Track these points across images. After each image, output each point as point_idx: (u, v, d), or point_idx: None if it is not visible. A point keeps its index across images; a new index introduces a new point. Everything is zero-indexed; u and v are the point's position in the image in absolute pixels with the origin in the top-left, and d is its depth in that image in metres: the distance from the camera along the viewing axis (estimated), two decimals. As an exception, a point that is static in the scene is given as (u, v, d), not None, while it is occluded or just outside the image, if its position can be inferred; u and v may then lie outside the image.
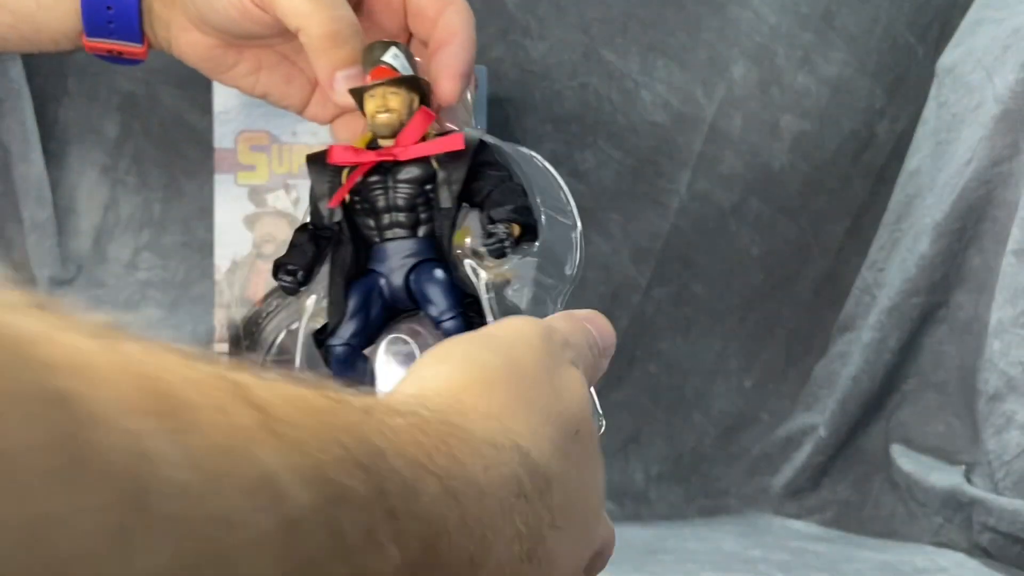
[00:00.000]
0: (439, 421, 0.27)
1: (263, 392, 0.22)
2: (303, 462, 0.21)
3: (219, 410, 0.20)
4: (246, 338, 0.74)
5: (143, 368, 0.20)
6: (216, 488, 0.18)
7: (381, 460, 0.23)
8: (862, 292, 0.86)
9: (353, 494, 0.22)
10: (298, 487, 0.20)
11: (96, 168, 0.81)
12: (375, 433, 0.24)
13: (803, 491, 0.87)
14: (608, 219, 0.86)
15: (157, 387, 0.19)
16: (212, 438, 0.19)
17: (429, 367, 0.33)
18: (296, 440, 0.21)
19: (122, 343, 0.20)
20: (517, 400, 0.32)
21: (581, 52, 0.83)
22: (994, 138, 0.74)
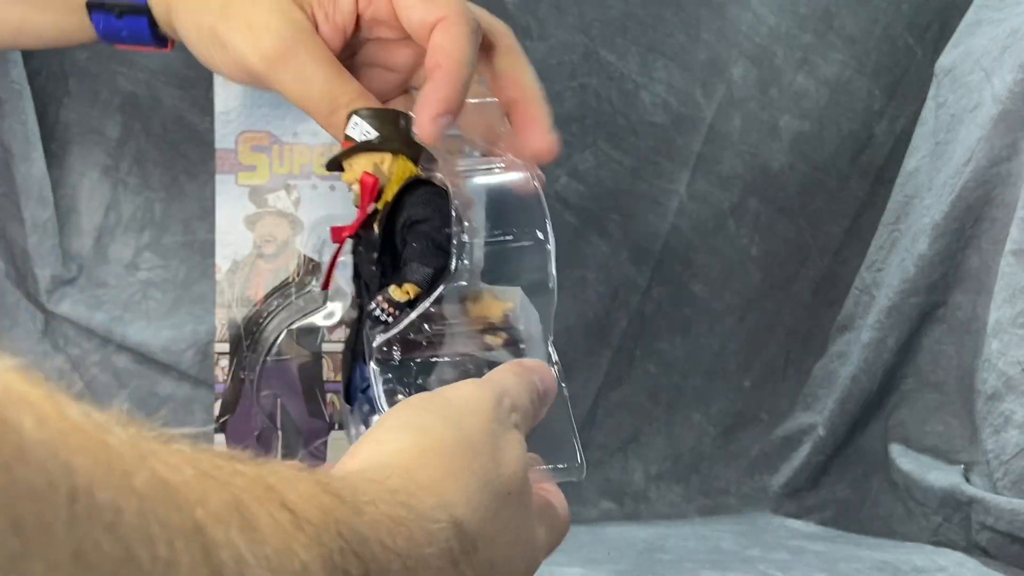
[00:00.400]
0: (399, 504, 0.33)
1: (290, 494, 0.27)
2: (320, 552, 0.27)
3: (270, 515, 0.26)
4: (247, 338, 0.74)
5: (222, 481, 0.25)
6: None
7: (366, 547, 0.29)
8: (861, 292, 0.86)
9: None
10: (319, 570, 0.27)
11: (97, 168, 0.81)
12: (360, 524, 0.30)
13: (802, 490, 0.87)
14: (608, 219, 0.86)
15: (235, 499, 0.25)
16: (272, 542, 0.25)
17: (388, 432, 0.39)
18: (315, 535, 0.27)
19: (198, 457, 0.26)
20: (460, 470, 0.38)
21: (581, 53, 0.83)
22: (992, 138, 0.74)
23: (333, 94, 0.54)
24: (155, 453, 0.24)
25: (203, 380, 0.80)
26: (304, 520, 0.27)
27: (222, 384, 0.73)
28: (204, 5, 0.55)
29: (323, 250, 0.73)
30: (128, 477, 0.22)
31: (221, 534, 0.24)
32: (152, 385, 0.82)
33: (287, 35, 0.54)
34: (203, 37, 0.55)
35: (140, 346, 0.80)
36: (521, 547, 0.41)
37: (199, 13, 0.55)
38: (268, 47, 0.54)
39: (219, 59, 0.55)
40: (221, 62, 0.55)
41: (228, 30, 0.54)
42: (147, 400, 0.82)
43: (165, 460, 0.24)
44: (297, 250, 0.73)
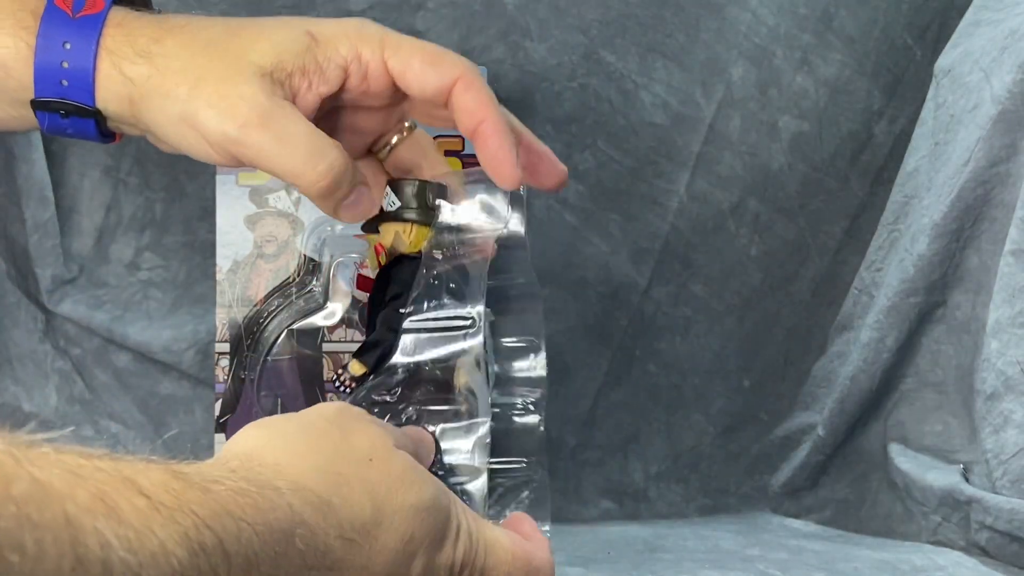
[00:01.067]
0: (241, 479, 0.37)
1: (144, 482, 0.32)
2: (176, 529, 0.31)
3: (129, 502, 0.30)
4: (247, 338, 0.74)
5: (85, 476, 0.30)
6: (140, 558, 0.29)
7: (216, 520, 0.33)
8: (860, 292, 0.86)
9: (205, 546, 0.32)
10: (176, 546, 0.31)
11: (98, 168, 0.81)
12: (208, 501, 0.34)
13: (801, 490, 0.87)
14: (607, 219, 0.86)
15: (99, 491, 0.29)
16: (133, 524, 0.30)
17: (239, 434, 0.44)
18: (169, 515, 0.31)
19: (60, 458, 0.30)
20: (303, 447, 0.42)
21: (581, 53, 0.83)
22: (992, 139, 0.74)
23: (322, 151, 0.54)
24: (30, 459, 0.28)
25: (203, 380, 0.81)
26: (159, 503, 0.31)
27: (222, 384, 0.73)
28: (171, 94, 0.53)
29: (323, 250, 0.73)
30: (5, 486, 0.26)
31: (89, 523, 0.28)
32: (153, 385, 0.82)
33: (263, 101, 0.53)
34: (173, 126, 0.54)
35: (141, 346, 0.81)
36: (401, 507, 0.43)
37: (166, 103, 0.53)
38: (243, 112, 0.52)
39: (192, 143, 0.54)
40: (194, 145, 0.54)
41: (197, 108, 0.53)
42: (147, 400, 0.82)
43: (38, 464, 0.28)
44: (297, 250, 0.73)
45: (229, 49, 0.54)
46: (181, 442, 0.81)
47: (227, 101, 0.52)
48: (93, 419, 0.81)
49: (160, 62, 0.53)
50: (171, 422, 0.81)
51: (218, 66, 0.53)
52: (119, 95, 0.54)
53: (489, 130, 0.55)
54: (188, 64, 0.53)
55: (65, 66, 0.53)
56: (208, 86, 0.52)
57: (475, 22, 0.81)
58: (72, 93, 0.54)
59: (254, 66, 0.53)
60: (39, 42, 0.53)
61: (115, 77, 0.54)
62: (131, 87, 0.53)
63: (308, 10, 0.80)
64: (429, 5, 0.81)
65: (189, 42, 0.54)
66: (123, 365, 0.82)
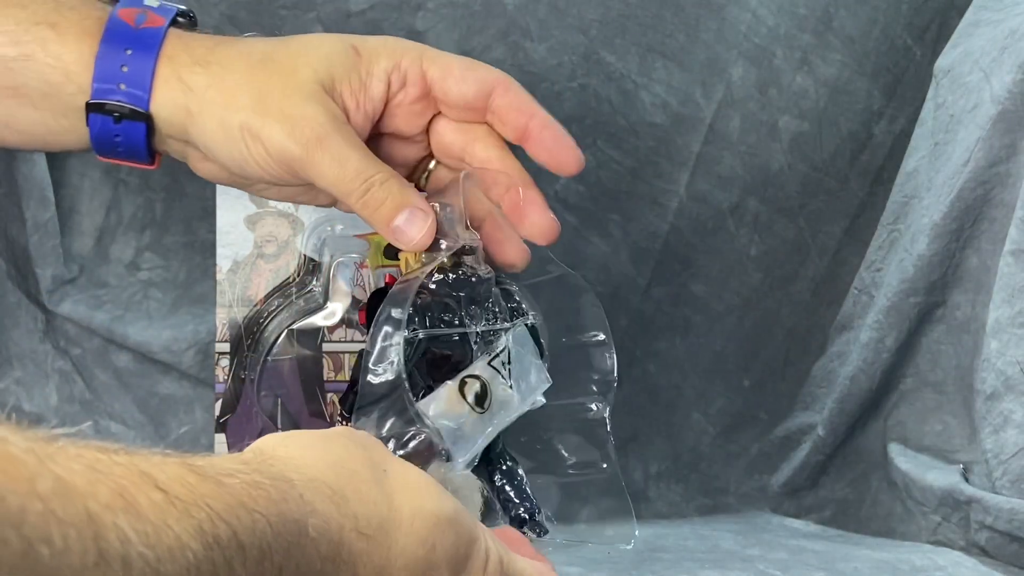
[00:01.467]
0: (254, 471, 0.37)
1: (161, 477, 0.32)
2: (191, 523, 0.32)
3: (147, 497, 0.31)
4: (247, 338, 0.74)
5: (105, 472, 0.30)
6: (158, 552, 0.30)
7: (230, 512, 0.34)
8: (860, 292, 0.86)
9: (220, 539, 0.33)
10: (191, 539, 0.31)
11: (98, 169, 0.81)
12: (222, 494, 0.34)
13: (801, 490, 0.87)
14: (607, 219, 0.86)
15: (119, 487, 0.30)
16: (151, 519, 0.30)
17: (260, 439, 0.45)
18: (184, 509, 0.32)
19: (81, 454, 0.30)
20: (317, 446, 0.42)
21: (581, 53, 0.83)
22: (991, 139, 0.74)
23: (368, 172, 0.56)
24: (51, 456, 0.29)
25: (204, 380, 0.81)
26: (174, 497, 0.32)
27: (223, 384, 0.73)
28: (232, 104, 0.56)
29: (323, 250, 0.73)
30: (32, 484, 0.27)
31: (109, 519, 0.29)
32: (153, 385, 0.82)
33: (324, 121, 0.56)
34: (232, 136, 0.56)
35: (141, 346, 0.81)
36: (420, 512, 0.43)
37: (227, 113, 0.56)
38: (308, 134, 0.55)
39: (252, 153, 0.56)
40: (254, 156, 0.56)
41: (263, 124, 0.55)
42: (148, 400, 0.82)
43: (59, 461, 0.29)
44: (298, 250, 0.73)
45: (284, 63, 0.57)
46: (181, 442, 0.81)
47: (292, 121, 0.55)
48: (93, 419, 0.81)
49: (217, 71, 0.56)
50: (171, 422, 0.82)
51: (278, 82, 0.56)
52: (176, 103, 0.56)
53: (540, 125, 0.58)
54: (247, 77, 0.56)
55: (124, 70, 0.56)
56: (273, 103, 0.56)
57: (475, 22, 0.81)
58: (129, 97, 0.56)
59: (311, 83, 0.56)
60: (102, 47, 0.56)
61: (173, 83, 0.56)
62: (189, 96, 0.56)
63: (308, 10, 0.80)
64: (429, 5, 0.81)
65: (245, 54, 0.57)
66: (123, 365, 0.82)
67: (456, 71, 0.59)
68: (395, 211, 0.57)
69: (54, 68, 0.56)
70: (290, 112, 0.55)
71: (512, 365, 0.58)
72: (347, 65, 0.58)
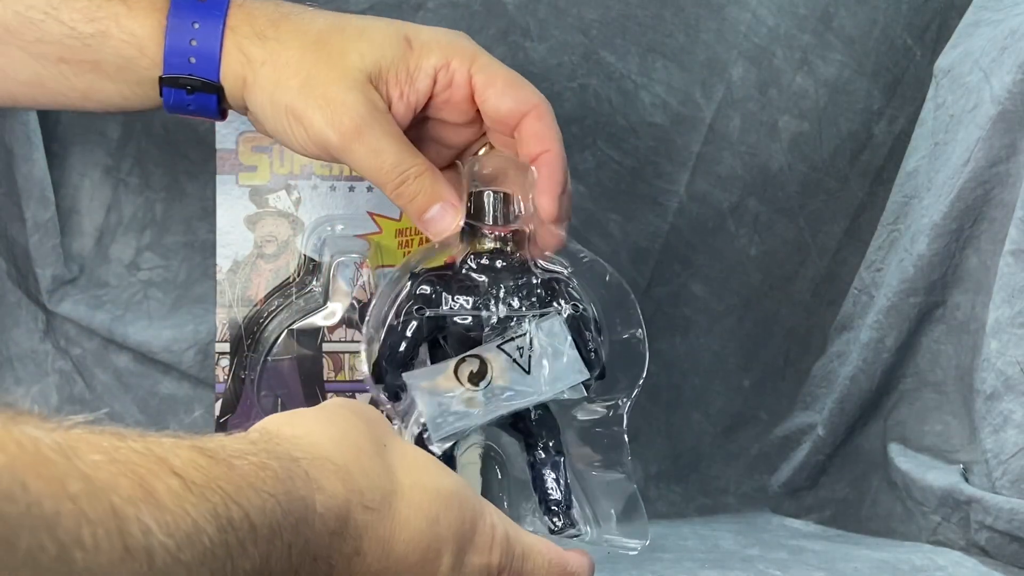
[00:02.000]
0: (261, 451, 0.38)
1: (176, 461, 0.33)
2: (207, 507, 0.33)
3: (165, 485, 0.31)
4: (247, 338, 0.74)
5: (124, 461, 0.31)
6: (177, 540, 0.31)
7: (241, 494, 0.35)
8: (860, 292, 0.86)
9: (233, 521, 0.34)
10: (207, 523, 0.32)
11: (98, 169, 0.81)
12: (233, 476, 0.35)
13: (801, 490, 0.87)
14: (607, 219, 0.86)
15: (139, 478, 0.31)
16: (170, 507, 0.31)
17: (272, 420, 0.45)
18: (200, 494, 0.32)
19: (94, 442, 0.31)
20: (323, 423, 0.44)
21: (581, 53, 0.83)
22: (991, 139, 0.74)
23: (403, 166, 0.58)
24: (75, 451, 0.29)
25: (204, 380, 0.81)
26: (190, 482, 0.32)
27: (223, 384, 0.73)
28: (282, 84, 0.58)
29: (323, 250, 0.73)
30: (63, 485, 0.27)
31: (132, 512, 0.29)
32: (153, 385, 0.82)
33: (364, 112, 0.58)
34: (279, 114, 0.58)
35: (141, 346, 0.81)
36: (421, 485, 0.44)
37: (276, 92, 0.58)
38: (346, 123, 0.57)
39: (294, 134, 0.58)
40: (296, 136, 0.59)
41: (306, 108, 0.58)
42: (148, 400, 0.82)
43: (83, 456, 0.29)
44: (298, 250, 0.73)
45: (335, 47, 0.59)
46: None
47: (333, 107, 0.57)
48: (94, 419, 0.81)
49: (273, 47, 0.58)
50: (171, 422, 0.82)
51: (325, 66, 0.58)
52: (236, 74, 0.59)
53: (550, 160, 0.59)
54: (299, 57, 0.58)
55: (194, 44, 0.58)
56: (318, 87, 0.58)
57: (475, 22, 0.81)
58: (199, 70, 0.59)
59: (357, 70, 0.58)
60: (170, 22, 0.58)
61: (235, 55, 0.58)
62: (247, 68, 0.58)
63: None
64: (429, 5, 0.81)
65: (302, 32, 0.59)
66: (123, 365, 0.82)
67: (500, 85, 0.60)
68: (427, 204, 0.59)
69: (128, 43, 0.59)
70: (332, 97, 0.57)
71: (536, 351, 0.58)
72: (396, 55, 0.59)
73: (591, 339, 0.60)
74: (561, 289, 0.60)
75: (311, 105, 0.57)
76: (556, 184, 0.59)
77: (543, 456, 0.59)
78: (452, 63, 0.60)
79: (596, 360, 0.60)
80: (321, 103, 0.57)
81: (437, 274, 0.59)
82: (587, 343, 0.60)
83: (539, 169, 0.60)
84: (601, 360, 0.60)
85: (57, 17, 0.59)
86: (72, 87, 0.61)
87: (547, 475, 0.58)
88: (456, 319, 0.58)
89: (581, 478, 0.60)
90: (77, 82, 0.60)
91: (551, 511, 0.58)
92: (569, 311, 0.59)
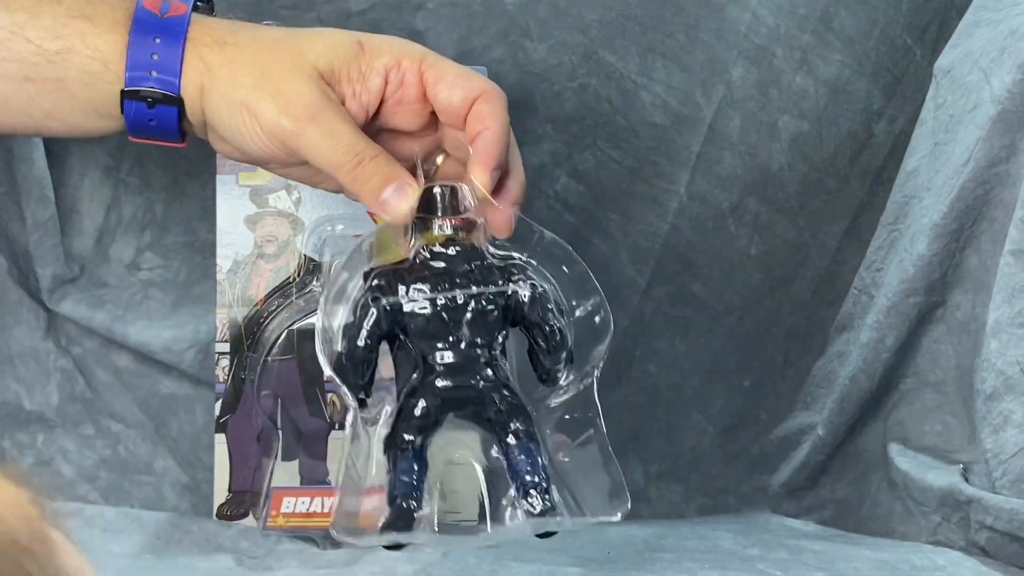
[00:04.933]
0: None
1: None
2: None
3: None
4: (247, 338, 0.74)
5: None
6: None
7: None
8: (860, 292, 0.86)
9: None
10: None
11: (98, 168, 0.81)
12: None
13: (801, 490, 0.87)
14: (607, 219, 0.86)
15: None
16: None
17: None
18: None
19: None
20: None
21: (580, 53, 0.83)
22: (991, 139, 0.74)
23: (358, 147, 0.58)
24: None
25: (204, 380, 0.81)
26: None
27: (223, 384, 0.73)
28: (237, 82, 0.59)
29: (323, 250, 0.73)
30: None
31: None
32: (153, 384, 0.82)
33: (317, 99, 0.58)
34: (233, 111, 0.59)
35: (141, 346, 0.81)
36: None
37: (232, 90, 0.59)
38: (300, 108, 0.58)
39: (248, 129, 0.59)
40: (250, 131, 0.59)
41: (259, 99, 0.58)
42: (148, 399, 0.82)
43: None
44: (298, 250, 0.73)
45: (290, 47, 0.60)
46: (181, 442, 0.81)
47: (286, 96, 0.58)
48: (94, 418, 0.81)
49: (231, 51, 0.60)
50: (171, 422, 0.81)
51: (279, 64, 0.59)
52: (195, 82, 0.60)
53: (486, 136, 0.59)
54: (255, 58, 0.59)
55: (155, 58, 0.59)
56: (271, 81, 0.59)
57: (475, 22, 0.81)
58: (160, 83, 0.60)
59: (310, 66, 0.59)
60: (132, 37, 0.60)
61: (195, 64, 0.60)
62: (205, 75, 0.59)
63: (308, 10, 0.80)
64: (429, 5, 0.81)
65: (257, 37, 0.61)
66: (124, 365, 0.82)
67: (450, 77, 0.61)
68: (384, 184, 0.58)
69: (93, 59, 0.60)
70: (285, 88, 0.58)
71: None
72: (349, 56, 0.60)
73: (553, 319, 0.59)
74: (518, 272, 0.60)
75: (264, 97, 0.58)
76: (489, 158, 0.59)
77: (515, 442, 0.58)
78: (403, 62, 0.61)
79: (562, 342, 0.59)
80: (274, 93, 0.58)
81: (392, 269, 0.59)
82: (549, 323, 0.59)
83: (474, 145, 0.60)
84: (567, 342, 0.60)
85: (23, 35, 0.60)
86: (36, 106, 0.61)
87: (521, 460, 0.58)
88: (416, 310, 0.57)
89: (559, 465, 0.60)
90: (41, 101, 0.61)
91: (528, 494, 0.57)
92: (528, 292, 0.59)
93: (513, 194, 0.61)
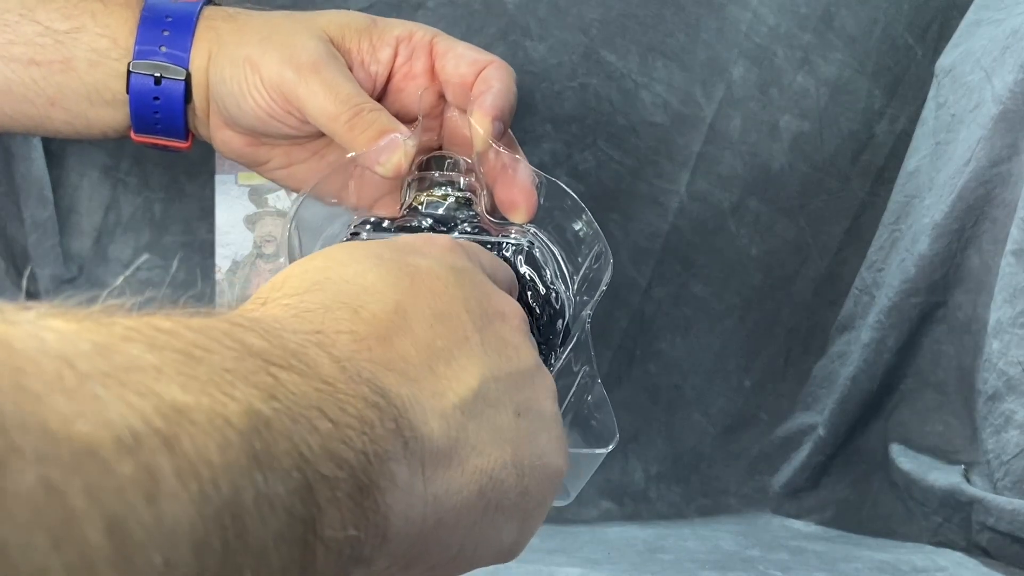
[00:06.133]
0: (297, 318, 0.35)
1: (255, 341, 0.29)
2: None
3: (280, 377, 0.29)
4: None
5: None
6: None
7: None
8: (861, 292, 0.86)
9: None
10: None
11: (97, 168, 0.81)
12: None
13: (802, 490, 0.87)
14: (608, 219, 0.86)
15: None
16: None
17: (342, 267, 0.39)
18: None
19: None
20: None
21: (581, 53, 0.83)
22: (993, 139, 0.74)
23: (359, 99, 0.58)
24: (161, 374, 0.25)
25: (203, 380, 0.80)
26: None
27: (222, 384, 0.72)
28: (244, 41, 0.59)
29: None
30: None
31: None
32: (152, 385, 0.82)
33: (323, 53, 0.58)
34: (236, 67, 0.59)
35: (140, 346, 0.80)
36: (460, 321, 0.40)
37: (238, 48, 0.59)
38: (304, 59, 0.58)
39: (250, 84, 0.58)
40: (251, 86, 0.58)
41: (264, 53, 0.58)
42: (147, 400, 0.82)
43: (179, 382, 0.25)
44: (297, 250, 0.73)
45: (303, 16, 0.61)
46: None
47: (291, 49, 0.58)
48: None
49: (242, 18, 0.61)
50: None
51: (291, 25, 0.60)
52: (204, 52, 0.60)
53: (492, 91, 0.59)
54: (265, 22, 0.60)
55: (166, 34, 0.60)
56: (278, 37, 0.60)
57: (475, 21, 0.81)
58: (169, 56, 0.60)
59: (320, 28, 0.59)
60: (144, 13, 0.60)
61: (206, 33, 0.60)
62: (214, 43, 0.60)
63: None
64: (429, 4, 0.81)
65: (271, 12, 0.62)
66: (122, 365, 0.81)
67: (460, 48, 0.61)
68: (379, 135, 0.57)
69: (102, 35, 0.60)
70: (292, 42, 0.58)
71: None
72: (360, 28, 0.61)
73: (551, 280, 0.55)
74: (516, 231, 0.56)
75: (269, 49, 0.58)
76: (492, 108, 0.58)
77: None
78: (415, 35, 0.61)
79: (560, 310, 0.55)
80: (279, 46, 0.58)
81: (377, 218, 0.57)
82: (544, 282, 0.54)
83: (476, 98, 0.59)
84: (565, 312, 0.55)
85: (32, 18, 0.60)
86: (40, 92, 0.61)
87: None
88: None
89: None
90: (46, 86, 0.61)
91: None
92: (525, 246, 0.54)
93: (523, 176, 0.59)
